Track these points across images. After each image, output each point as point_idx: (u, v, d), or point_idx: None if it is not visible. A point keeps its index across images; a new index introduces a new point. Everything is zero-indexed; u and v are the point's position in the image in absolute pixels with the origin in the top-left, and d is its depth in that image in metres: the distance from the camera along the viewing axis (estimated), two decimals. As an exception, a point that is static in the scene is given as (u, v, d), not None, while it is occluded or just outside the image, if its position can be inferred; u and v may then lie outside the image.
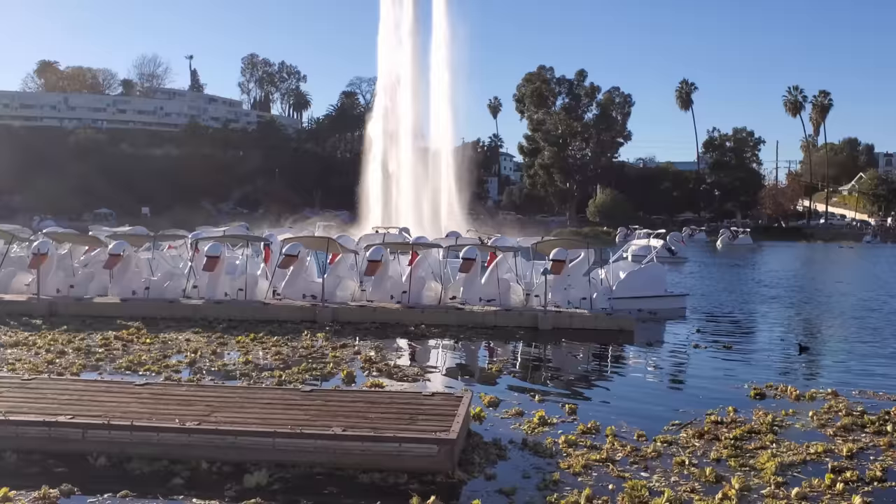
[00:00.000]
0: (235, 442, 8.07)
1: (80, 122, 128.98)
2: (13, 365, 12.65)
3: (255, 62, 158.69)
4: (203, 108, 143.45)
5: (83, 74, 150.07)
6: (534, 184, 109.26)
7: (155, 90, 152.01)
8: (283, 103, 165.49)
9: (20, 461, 8.01)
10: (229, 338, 15.81)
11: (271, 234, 23.70)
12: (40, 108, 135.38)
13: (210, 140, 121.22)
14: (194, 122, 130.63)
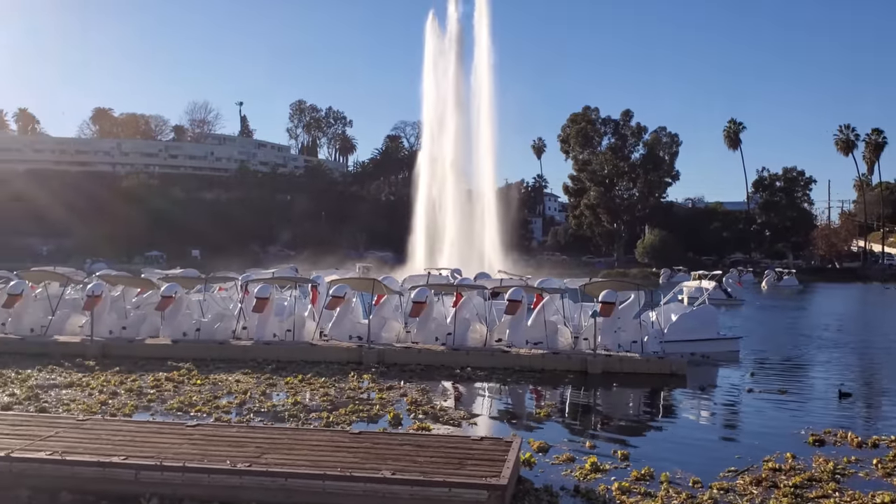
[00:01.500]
0: (286, 484, 8.06)
1: (132, 167, 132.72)
2: (68, 405, 12.88)
3: (303, 108, 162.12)
4: (252, 153, 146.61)
5: (136, 121, 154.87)
6: (579, 224, 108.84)
7: (206, 135, 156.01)
8: (330, 147, 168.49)
9: (75, 501, 8.10)
10: (278, 379, 15.91)
11: (318, 276, 23.93)
12: (94, 153, 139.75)
13: (259, 184, 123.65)
14: (244, 166, 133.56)
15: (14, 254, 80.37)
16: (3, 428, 9.81)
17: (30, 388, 14.35)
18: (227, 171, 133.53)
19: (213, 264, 52.24)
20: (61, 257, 75.89)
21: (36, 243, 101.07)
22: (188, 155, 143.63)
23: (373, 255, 69.02)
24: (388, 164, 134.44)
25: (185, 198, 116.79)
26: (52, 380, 15.54)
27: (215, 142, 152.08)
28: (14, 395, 13.69)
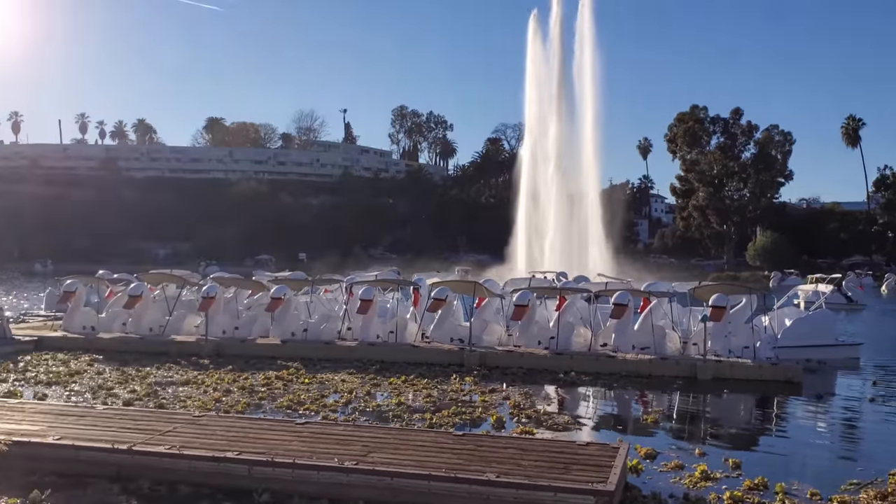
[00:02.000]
0: (392, 483, 8.14)
1: (243, 174, 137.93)
2: (185, 402, 13.44)
3: (405, 113, 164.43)
4: (356, 159, 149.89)
5: (247, 129, 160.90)
6: (688, 226, 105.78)
7: (312, 143, 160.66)
8: (431, 152, 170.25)
9: (192, 494, 8.44)
10: (382, 379, 16.13)
11: (419, 278, 24.14)
12: (208, 161, 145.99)
13: (362, 189, 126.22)
14: (347, 172, 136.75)
15: (134, 257, 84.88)
16: (126, 423, 10.34)
17: (149, 385, 15.07)
18: (332, 177, 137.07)
19: (319, 267, 53.64)
20: (177, 260, 79.54)
21: (154, 247, 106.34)
22: (295, 162, 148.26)
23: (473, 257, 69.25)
24: (489, 167, 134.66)
25: (293, 203, 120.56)
26: (170, 377, 16.28)
27: (321, 149, 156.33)
28: (135, 392, 14.39)
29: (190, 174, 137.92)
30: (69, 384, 15.32)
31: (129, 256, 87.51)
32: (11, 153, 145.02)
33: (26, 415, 10.78)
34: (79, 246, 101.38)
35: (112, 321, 22.44)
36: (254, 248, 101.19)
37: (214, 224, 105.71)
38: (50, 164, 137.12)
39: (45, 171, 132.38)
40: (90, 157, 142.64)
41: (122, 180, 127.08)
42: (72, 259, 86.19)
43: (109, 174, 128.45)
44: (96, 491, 8.44)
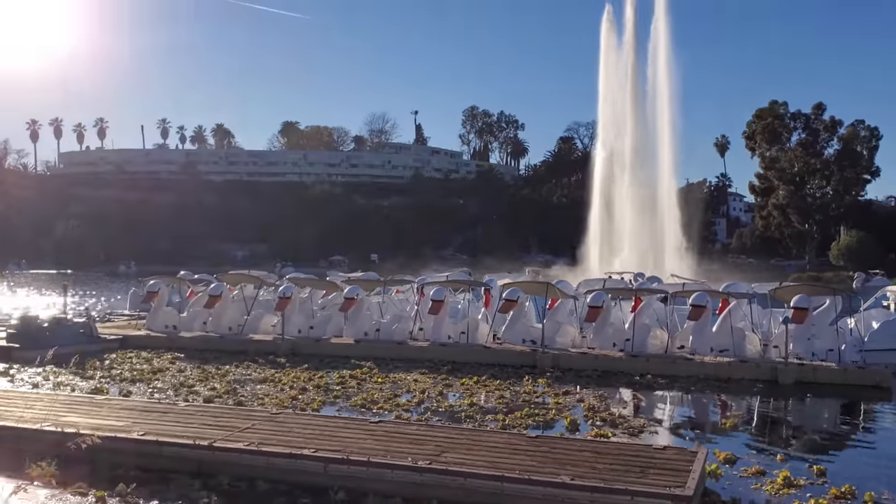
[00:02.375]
0: (465, 483, 8.13)
1: (317, 176, 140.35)
2: (262, 400, 13.72)
3: (475, 114, 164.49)
4: (426, 160, 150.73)
5: (320, 133, 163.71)
6: (767, 225, 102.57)
7: (383, 145, 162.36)
8: (502, 152, 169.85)
9: (270, 490, 8.60)
10: (454, 380, 16.15)
11: (491, 279, 24.08)
12: (283, 164, 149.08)
13: (433, 189, 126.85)
14: (418, 173, 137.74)
15: (213, 259, 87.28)
16: (207, 419, 10.61)
17: (228, 383, 15.45)
18: (403, 178, 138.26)
19: (390, 268, 54.13)
20: (254, 262, 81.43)
21: (232, 249, 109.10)
22: (367, 164, 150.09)
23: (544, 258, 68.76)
24: (561, 167, 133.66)
25: (365, 204, 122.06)
26: (248, 375, 16.67)
27: (392, 150, 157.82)
28: (215, 389, 14.77)
29: (266, 177, 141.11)
30: (152, 381, 15.83)
31: (209, 258, 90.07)
32: (97, 158, 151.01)
33: (112, 411, 11.19)
34: (161, 248, 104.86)
35: (193, 320, 23.11)
36: (327, 249, 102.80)
37: (290, 226, 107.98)
38: (133, 169, 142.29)
39: (128, 176, 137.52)
40: (171, 161, 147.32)
41: (202, 184, 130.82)
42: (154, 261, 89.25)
43: (190, 178, 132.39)
44: (178, 486, 8.69)
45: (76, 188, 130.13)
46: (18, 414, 10.74)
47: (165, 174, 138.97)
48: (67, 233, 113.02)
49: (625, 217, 54.97)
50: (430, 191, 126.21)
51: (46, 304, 37.88)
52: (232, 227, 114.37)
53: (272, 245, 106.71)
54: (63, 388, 14.78)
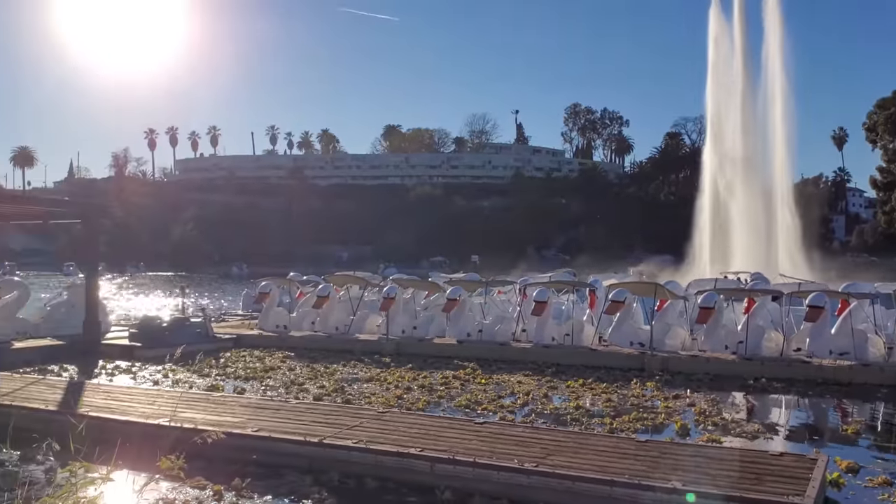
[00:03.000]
0: (572, 487, 8.00)
1: (418, 178, 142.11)
2: (369, 398, 13.93)
3: (578, 111, 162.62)
4: (527, 159, 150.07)
5: (421, 135, 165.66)
6: (890, 221, 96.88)
7: (484, 145, 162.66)
8: (605, 149, 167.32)
9: (378, 488, 8.72)
10: (559, 382, 15.96)
11: (596, 280, 23.68)
12: (385, 167, 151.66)
13: (534, 189, 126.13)
14: (519, 173, 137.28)
15: (319, 260, 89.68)
16: (317, 417, 10.87)
17: (336, 382, 15.77)
18: (504, 179, 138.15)
19: (491, 268, 54.06)
20: (358, 263, 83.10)
21: (337, 250, 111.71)
22: (468, 165, 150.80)
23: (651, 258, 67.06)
24: (668, 163, 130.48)
25: (465, 205, 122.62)
26: (355, 374, 16.98)
27: (492, 151, 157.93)
28: (323, 387, 15.11)
29: (370, 180, 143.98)
30: (264, 379, 16.34)
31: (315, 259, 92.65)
32: (211, 165, 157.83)
33: (228, 407, 11.62)
34: (270, 250, 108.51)
35: (302, 320, 23.76)
36: (429, 250, 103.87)
37: (392, 227, 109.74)
38: (244, 175, 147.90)
39: (239, 181, 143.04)
40: (280, 166, 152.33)
41: (309, 188, 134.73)
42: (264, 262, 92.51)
43: (297, 182, 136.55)
44: (290, 481, 8.92)
45: (191, 193, 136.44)
46: (141, 410, 11.31)
47: (274, 179, 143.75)
48: (183, 236, 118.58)
49: (736, 215, 52.96)
50: (531, 190, 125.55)
51: (163, 304, 39.82)
52: (337, 230, 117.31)
53: (375, 246, 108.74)
54: (181, 386, 15.44)
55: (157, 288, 62.49)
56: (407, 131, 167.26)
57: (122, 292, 56.02)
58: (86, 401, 12.23)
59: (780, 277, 27.64)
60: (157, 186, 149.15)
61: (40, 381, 14.67)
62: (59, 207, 24.71)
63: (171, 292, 50.24)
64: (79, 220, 22.81)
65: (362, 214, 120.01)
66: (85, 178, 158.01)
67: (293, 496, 8.51)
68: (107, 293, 42.39)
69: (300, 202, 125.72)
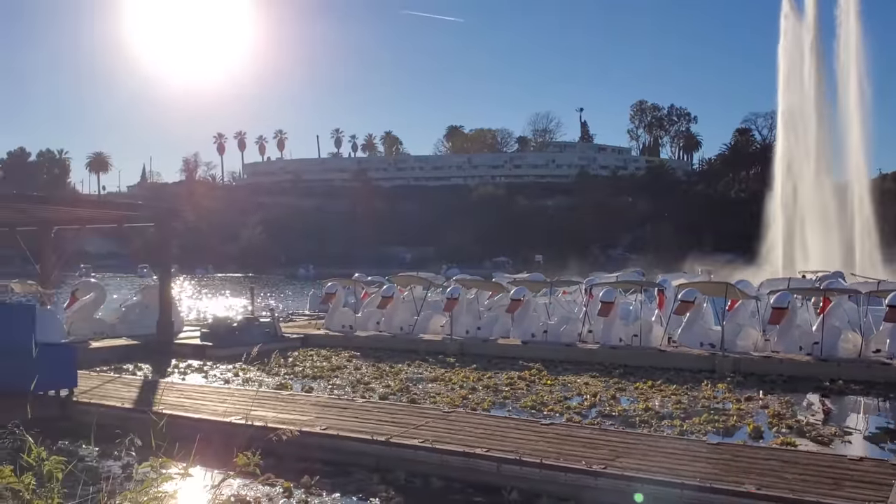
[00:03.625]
0: (642, 490, 7.86)
1: (481, 178, 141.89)
2: (434, 398, 13.96)
3: (644, 108, 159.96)
4: (592, 158, 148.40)
5: (484, 135, 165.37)
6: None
7: (547, 144, 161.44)
8: (673, 146, 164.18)
9: (444, 487, 8.72)
10: (626, 383, 15.71)
11: (664, 279, 23.26)
12: (448, 168, 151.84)
13: (599, 187, 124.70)
14: (584, 171, 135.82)
15: (382, 261, 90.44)
16: (383, 416, 10.94)
17: (401, 381, 15.86)
18: (568, 177, 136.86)
19: (555, 268, 53.63)
20: (421, 264, 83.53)
21: (400, 251, 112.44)
22: (531, 164, 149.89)
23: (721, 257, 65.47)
24: (738, 160, 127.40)
25: (529, 205, 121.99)
26: (419, 374, 17.05)
27: (556, 149, 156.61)
28: (389, 387, 15.22)
29: (432, 181, 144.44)
30: (331, 378, 16.55)
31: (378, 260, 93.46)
32: (277, 169, 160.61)
33: (297, 405, 11.80)
34: (334, 251, 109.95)
35: (367, 320, 23.99)
36: (491, 251, 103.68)
37: (454, 228, 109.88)
38: (310, 177, 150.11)
39: (305, 184, 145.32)
40: (344, 169, 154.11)
41: (372, 190, 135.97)
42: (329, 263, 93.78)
43: (361, 184, 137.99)
44: (358, 479, 9.00)
45: (259, 197, 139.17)
46: (214, 408, 11.56)
47: (339, 182, 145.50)
48: (251, 239, 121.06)
49: (809, 212, 51.31)
50: (596, 189, 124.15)
51: (233, 305, 40.73)
52: (400, 231, 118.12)
53: (438, 247, 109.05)
54: (252, 384, 15.74)
55: (226, 289, 63.96)
56: (469, 132, 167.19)
57: (192, 293, 57.54)
58: (160, 398, 12.60)
59: (852, 277, 26.65)
60: (226, 190, 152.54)
61: (116, 379, 15.15)
62: (134, 211, 25.49)
63: (240, 293, 51.38)
64: (152, 224, 23.48)
65: (425, 215, 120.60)
66: (157, 182, 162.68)
67: (361, 494, 8.58)
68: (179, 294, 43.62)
69: (364, 204, 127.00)
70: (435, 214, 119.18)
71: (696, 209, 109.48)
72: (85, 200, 45.55)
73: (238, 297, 49.58)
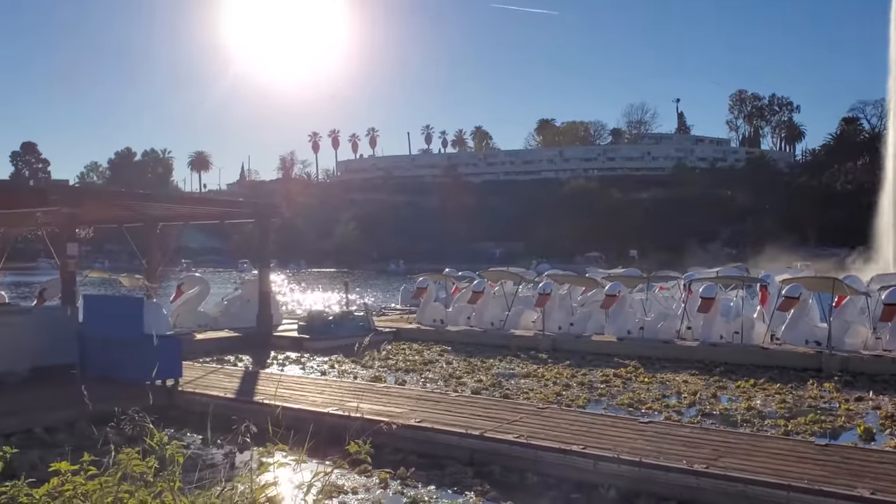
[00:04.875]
0: (745, 491, 7.58)
1: (572, 172, 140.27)
2: (527, 394, 13.87)
3: (744, 98, 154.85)
4: (689, 150, 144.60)
5: (576, 128, 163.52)
6: None
7: (642, 136, 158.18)
8: (774, 137, 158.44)
9: (540, 483, 8.65)
10: (727, 382, 15.20)
11: (767, 275, 22.41)
12: (538, 162, 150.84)
13: (697, 180, 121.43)
14: (680, 164, 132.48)
15: (472, 256, 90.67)
16: (476, 410, 10.95)
17: (493, 376, 15.81)
18: (664, 170, 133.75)
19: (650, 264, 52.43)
20: (511, 259, 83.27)
21: (490, 247, 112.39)
22: (625, 157, 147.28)
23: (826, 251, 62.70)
24: (844, 150, 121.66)
25: (622, 198, 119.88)
26: (511, 369, 16.97)
27: (651, 141, 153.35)
28: (481, 381, 15.21)
29: (522, 176, 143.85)
30: (423, 372, 16.66)
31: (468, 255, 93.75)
32: (369, 165, 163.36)
33: (392, 398, 11.93)
34: (424, 247, 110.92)
35: (458, 315, 24.07)
36: (583, 246, 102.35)
37: (545, 223, 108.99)
38: (400, 174, 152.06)
39: (396, 181, 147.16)
40: (434, 165, 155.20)
41: (462, 185, 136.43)
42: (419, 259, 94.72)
43: (451, 180, 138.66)
44: (452, 472, 9.01)
45: (352, 193, 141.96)
46: (312, 398, 11.83)
47: (429, 178, 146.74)
48: (344, 235, 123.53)
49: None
50: (693, 182, 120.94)
51: (326, 299, 41.63)
52: (489, 226, 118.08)
53: (528, 243, 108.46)
54: (347, 376, 16.03)
55: (320, 284, 65.44)
56: (561, 125, 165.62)
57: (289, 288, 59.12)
58: (262, 389, 12.97)
59: None
60: (321, 187, 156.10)
61: (219, 370, 15.69)
62: (235, 208, 26.36)
63: (334, 288, 52.46)
64: (252, 220, 24.22)
65: (515, 210, 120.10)
66: (255, 180, 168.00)
67: (456, 487, 8.59)
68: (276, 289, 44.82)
69: (453, 199, 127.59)
70: (525, 209, 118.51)
71: (799, 202, 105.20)
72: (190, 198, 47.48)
73: (329, 291, 50.64)
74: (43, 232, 23.42)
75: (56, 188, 23.49)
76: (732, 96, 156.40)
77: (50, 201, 17.44)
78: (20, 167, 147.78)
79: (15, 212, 19.59)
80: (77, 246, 17.49)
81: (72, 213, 16.77)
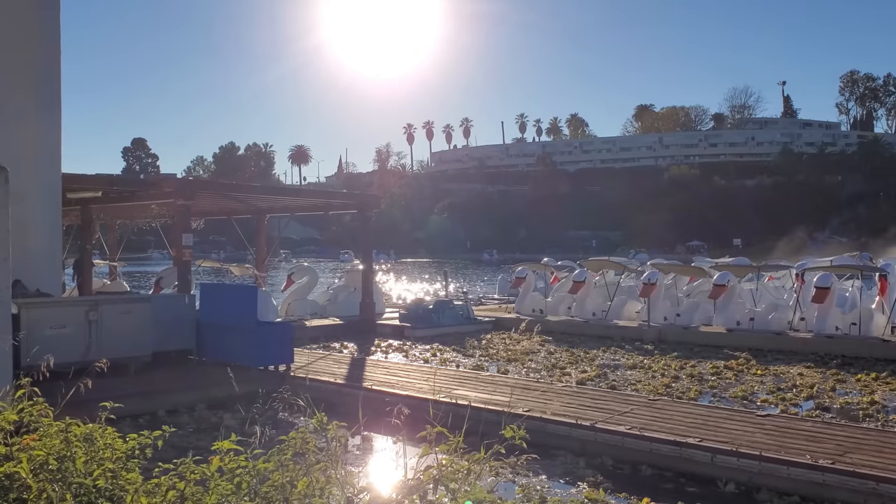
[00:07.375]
0: (876, 489, 7.22)
1: (672, 159, 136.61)
2: (635, 385, 13.61)
3: (856, 79, 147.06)
4: (796, 134, 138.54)
5: (676, 114, 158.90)
6: None
7: (746, 121, 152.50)
8: (890, 120, 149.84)
9: (654, 475, 8.48)
10: (846, 375, 14.53)
11: (888, 264, 21.24)
12: (637, 149, 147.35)
13: (804, 166, 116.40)
14: (787, 148, 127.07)
15: (567, 246, 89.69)
16: (584, 401, 10.83)
17: (598, 367, 15.59)
18: (769, 156, 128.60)
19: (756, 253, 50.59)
20: (609, 248, 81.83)
21: (585, 236, 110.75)
22: (728, 142, 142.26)
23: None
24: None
25: (725, 186, 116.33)
26: (616, 360, 16.69)
27: (756, 126, 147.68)
28: (586, 372, 15.02)
29: (620, 163, 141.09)
30: (525, 362, 16.57)
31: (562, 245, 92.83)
32: (463, 156, 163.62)
33: (496, 387, 11.95)
34: (518, 236, 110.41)
35: (558, 305, 23.85)
36: (683, 234, 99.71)
37: (644, 211, 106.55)
38: (494, 164, 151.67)
39: (490, 170, 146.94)
40: (528, 154, 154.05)
41: (556, 174, 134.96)
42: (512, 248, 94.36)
43: (545, 169, 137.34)
44: (563, 462, 8.94)
45: (446, 184, 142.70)
46: (418, 385, 11.97)
47: (523, 167, 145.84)
48: (439, 225, 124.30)
49: None
50: (801, 168, 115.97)
51: (423, 288, 42.01)
52: (585, 215, 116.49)
53: (625, 231, 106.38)
54: (449, 365, 16.14)
55: (416, 273, 66.10)
56: (660, 110, 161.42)
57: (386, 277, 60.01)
58: (368, 375, 13.21)
59: None
60: (416, 178, 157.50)
61: (326, 356, 16.08)
62: (338, 200, 26.92)
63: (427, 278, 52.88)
64: (354, 211, 24.67)
65: (611, 198, 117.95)
66: (352, 172, 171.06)
67: (568, 477, 8.52)
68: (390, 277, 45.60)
69: (548, 188, 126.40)
70: (622, 197, 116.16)
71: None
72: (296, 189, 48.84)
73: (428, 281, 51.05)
74: (157, 223, 24.56)
75: (171, 181, 24.60)
76: (843, 77, 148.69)
77: (165, 194, 18.29)
78: (131, 162, 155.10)
79: (133, 204, 20.62)
80: (191, 236, 18.25)
81: (186, 204, 17.51)
